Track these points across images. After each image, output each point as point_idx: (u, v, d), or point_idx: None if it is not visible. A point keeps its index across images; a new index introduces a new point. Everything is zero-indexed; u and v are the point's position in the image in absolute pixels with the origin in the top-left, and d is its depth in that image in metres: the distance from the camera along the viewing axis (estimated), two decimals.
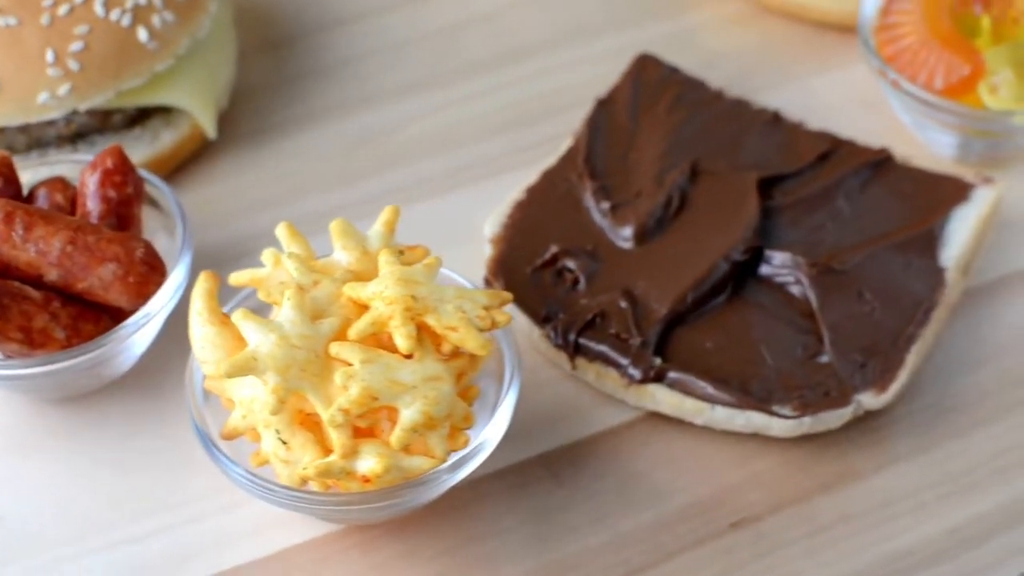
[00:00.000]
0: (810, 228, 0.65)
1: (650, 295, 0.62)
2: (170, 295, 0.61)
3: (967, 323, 0.65)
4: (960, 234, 0.65)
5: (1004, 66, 0.67)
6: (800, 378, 0.59)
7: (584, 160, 0.68)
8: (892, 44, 0.69)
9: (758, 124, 0.70)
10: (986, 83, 0.67)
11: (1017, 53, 0.67)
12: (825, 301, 0.62)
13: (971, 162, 0.71)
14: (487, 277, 0.63)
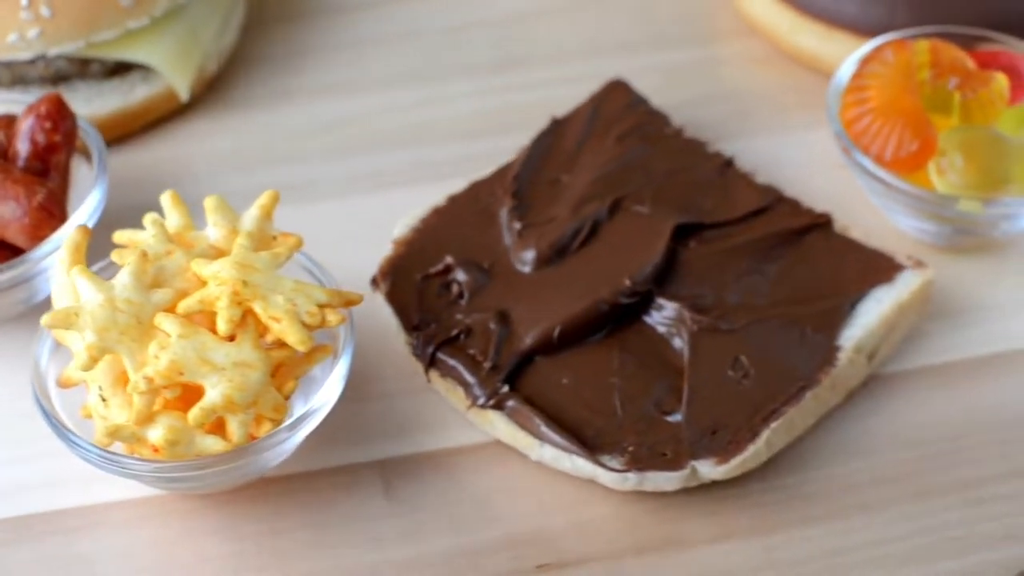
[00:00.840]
0: (715, 283, 0.62)
1: (523, 322, 0.61)
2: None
3: (861, 411, 0.61)
4: (870, 316, 0.61)
5: (955, 148, 0.63)
6: (641, 433, 0.57)
7: (513, 177, 0.67)
8: (856, 107, 0.66)
9: (706, 168, 0.67)
10: (935, 163, 0.63)
11: (970, 136, 0.63)
12: (697, 360, 0.59)
13: (940, 246, 0.67)
14: (375, 276, 0.64)
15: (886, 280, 0.62)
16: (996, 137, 0.63)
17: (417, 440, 0.61)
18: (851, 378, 0.61)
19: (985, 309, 0.65)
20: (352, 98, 0.76)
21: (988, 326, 0.64)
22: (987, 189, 0.63)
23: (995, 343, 0.63)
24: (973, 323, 0.64)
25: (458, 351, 0.60)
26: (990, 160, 0.63)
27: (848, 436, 0.60)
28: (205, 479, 0.55)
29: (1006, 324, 0.64)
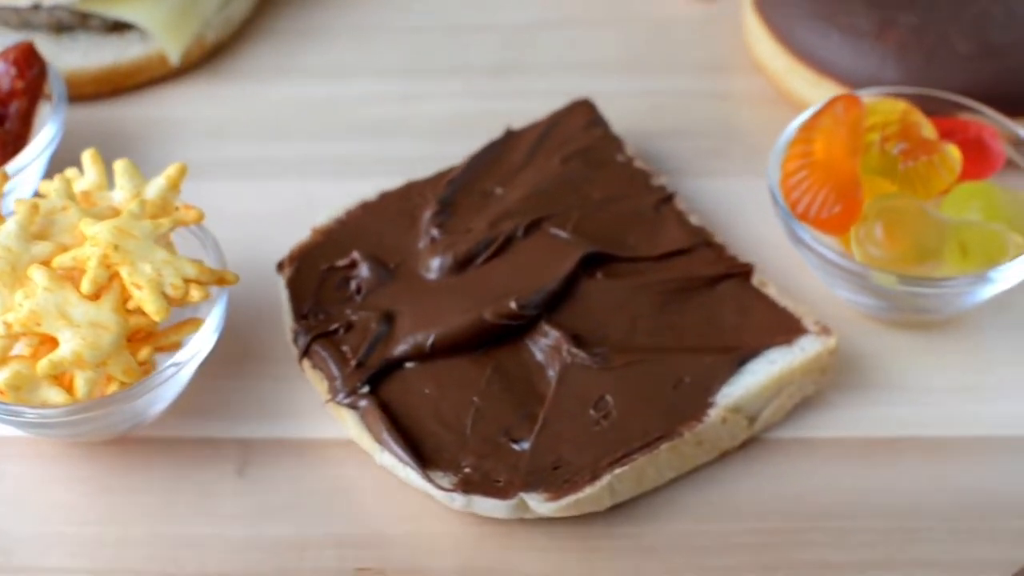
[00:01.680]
0: (609, 318, 0.61)
1: (404, 327, 0.61)
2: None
3: (732, 472, 0.59)
4: (756, 377, 0.59)
5: (876, 217, 0.59)
6: (482, 456, 0.57)
7: (447, 182, 0.67)
8: (798, 159, 0.63)
9: (643, 201, 0.66)
10: (855, 230, 0.60)
11: (894, 207, 0.59)
12: (561, 393, 0.58)
13: (874, 316, 0.64)
14: (282, 260, 0.65)
15: (784, 342, 0.60)
16: (922, 211, 0.59)
17: (282, 425, 0.61)
18: (724, 437, 0.59)
19: (896, 390, 0.62)
20: (342, 83, 0.77)
21: (891, 408, 0.61)
22: (909, 264, 0.60)
23: (891, 427, 0.60)
24: (878, 402, 0.61)
25: (332, 345, 0.61)
26: (915, 235, 0.59)
27: (710, 496, 0.58)
28: (49, 428, 0.57)
29: (910, 409, 0.61)
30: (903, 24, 0.70)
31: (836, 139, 0.62)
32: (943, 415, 0.61)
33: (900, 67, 0.70)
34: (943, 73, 0.69)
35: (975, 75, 0.69)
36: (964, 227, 0.60)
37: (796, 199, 0.62)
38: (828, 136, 0.62)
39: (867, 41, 0.71)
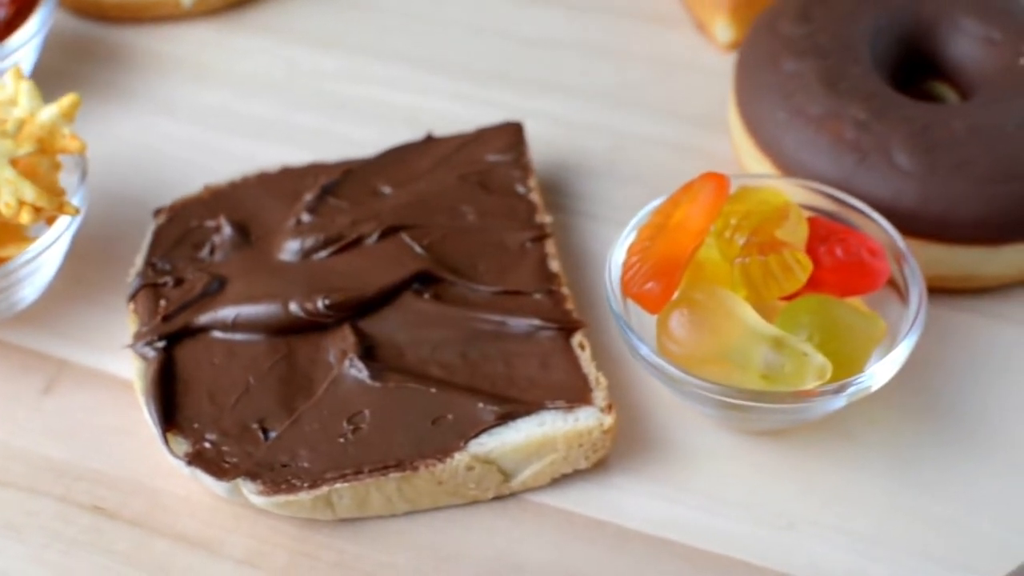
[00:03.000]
0: (415, 338, 0.60)
1: (228, 296, 0.62)
2: None
3: (473, 521, 0.58)
4: (518, 434, 0.57)
5: (677, 306, 0.56)
6: (227, 435, 0.58)
7: (343, 172, 0.68)
8: (651, 228, 0.60)
9: (515, 234, 0.64)
10: (659, 317, 0.57)
11: (695, 297, 0.56)
12: (326, 398, 0.58)
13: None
14: (160, 208, 0.67)
15: (563, 407, 0.58)
16: (730, 311, 0.55)
17: (96, 356, 0.64)
18: (470, 485, 0.57)
19: (685, 491, 0.58)
20: (332, 54, 0.80)
21: (669, 507, 0.58)
22: (709, 365, 0.56)
23: (653, 525, 0.57)
24: (658, 497, 0.58)
25: (155, 295, 0.63)
26: (716, 335, 0.56)
27: (440, 539, 0.57)
28: None
29: (686, 513, 0.57)
30: (848, 118, 0.65)
31: (689, 216, 0.59)
32: (713, 528, 0.57)
33: (832, 161, 0.64)
34: (871, 179, 0.63)
35: (903, 190, 0.63)
36: (773, 340, 0.55)
37: (629, 265, 0.59)
38: (684, 211, 0.59)
39: (810, 128, 0.66)
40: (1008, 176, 0.63)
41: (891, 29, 0.70)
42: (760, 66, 0.69)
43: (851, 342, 0.57)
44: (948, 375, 0.63)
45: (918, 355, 0.63)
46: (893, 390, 0.62)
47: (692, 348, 0.56)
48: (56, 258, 0.65)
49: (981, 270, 0.65)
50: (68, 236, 0.64)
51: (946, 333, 0.65)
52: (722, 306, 0.56)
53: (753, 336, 0.55)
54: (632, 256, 0.59)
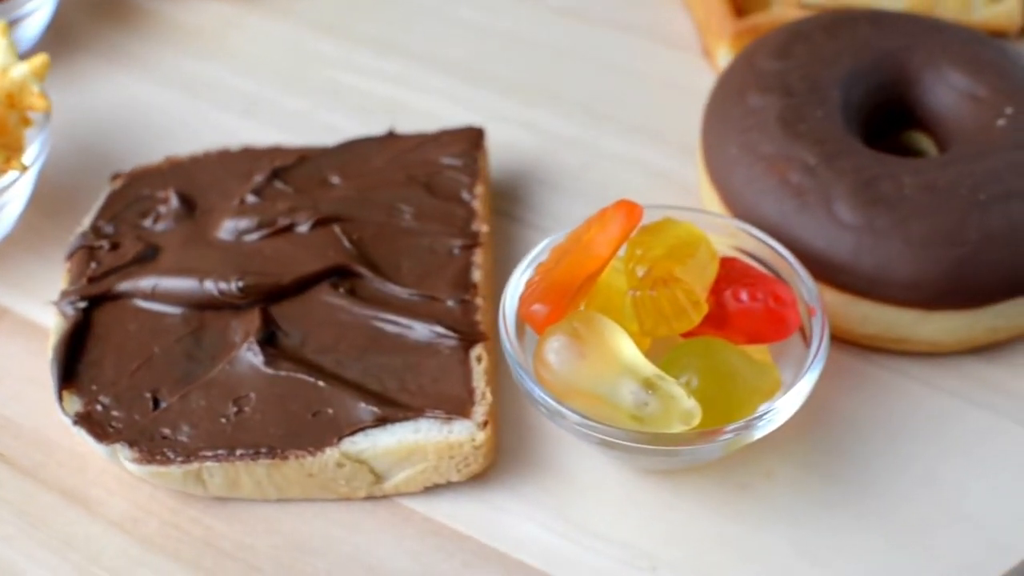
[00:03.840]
0: (319, 330, 0.61)
1: (158, 266, 0.64)
2: None
3: (342, 517, 0.58)
4: (392, 437, 0.57)
5: (554, 333, 0.55)
6: (120, 400, 0.59)
7: (298, 158, 0.69)
8: (562, 249, 0.59)
9: (446, 240, 0.64)
10: (540, 341, 0.56)
11: (573, 327, 0.54)
12: (219, 376, 0.59)
13: None
14: (118, 173, 0.69)
15: (441, 417, 0.58)
16: (605, 344, 0.54)
17: (36, 308, 0.66)
18: (340, 481, 0.58)
19: (561, 520, 0.58)
20: (336, 42, 0.81)
21: (539, 532, 0.57)
22: (583, 399, 0.55)
23: (517, 548, 0.57)
24: (533, 521, 0.57)
25: (89, 256, 0.65)
26: (590, 366, 0.54)
27: (304, 529, 0.58)
28: None
29: (553, 541, 0.57)
30: (798, 161, 0.63)
31: (594, 241, 0.58)
32: (574, 560, 0.56)
33: (774, 203, 0.63)
34: (809, 227, 0.61)
35: (838, 242, 0.61)
36: (644, 379, 0.54)
37: (529, 284, 0.59)
38: (591, 236, 0.58)
39: (759, 166, 0.64)
40: (947, 241, 0.60)
41: (872, 74, 0.68)
42: (727, 97, 0.68)
43: (735, 391, 0.55)
44: (863, 438, 0.61)
45: (836, 412, 0.61)
46: (801, 444, 0.60)
47: (563, 376, 0.55)
48: (9, 210, 0.67)
49: (914, 333, 0.62)
50: (19, 190, 0.66)
51: (872, 394, 0.62)
52: (599, 337, 0.55)
53: (625, 372, 0.54)
54: (536, 275, 0.59)
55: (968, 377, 0.63)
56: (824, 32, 0.69)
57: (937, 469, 0.59)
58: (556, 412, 0.56)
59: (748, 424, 0.55)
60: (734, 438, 0.55)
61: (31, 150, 0.67)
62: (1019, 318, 0.62)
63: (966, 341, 0.62)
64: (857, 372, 0.63)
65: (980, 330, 0.62)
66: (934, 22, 0.70)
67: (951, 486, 0.59)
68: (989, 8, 0.75)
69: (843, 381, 0.63)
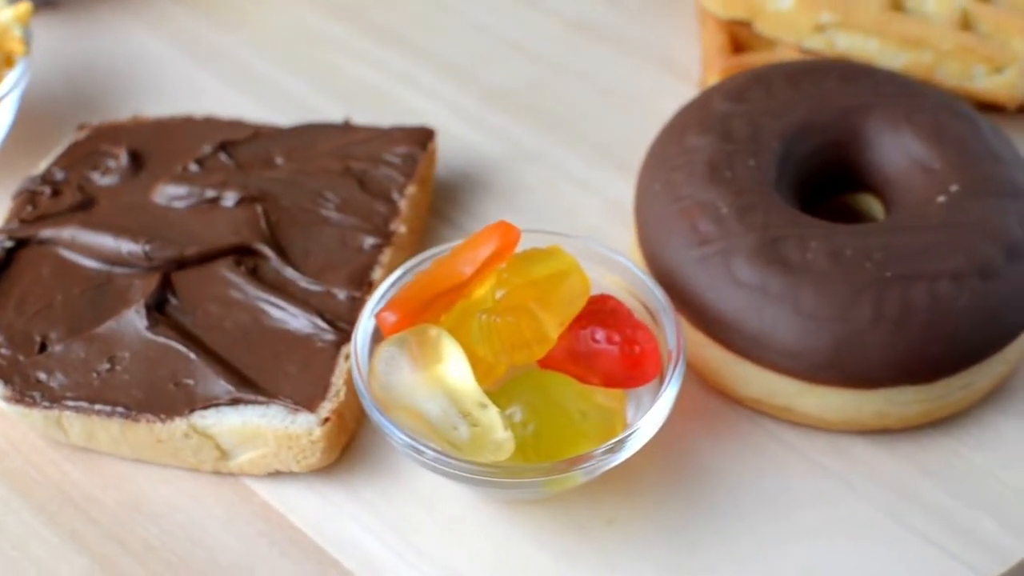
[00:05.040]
0: (209, 303, 0.62)
1: (89, 219, 0.66)
2: None
3: (187, 486, 0.60)
4: (239, 417, 0.58)
5: (392, 345, 0.55)
6: (10, 340, 0.61)
7: (251, 134, 0.70)
8: (438, 260, 0.59)
9: (360, 235, 0.65)
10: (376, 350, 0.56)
11: (409, 336, 0.54)
12: (102, 330, 0.61)
13: None
14: (84, 124, 0.72)
15: (290, 407, 0.58)
16: (434, 362, 0.53)
17: None
18: (187, 452, 0.59)
19: (391, 532, 0.58)
20: (345, 25, 0.82)
21: (366, 539, 0.57)
22: (401, 410, 0.55)
23: (336, 547, 0.57)
24: (368, 531, 0.58)
25: (28, 198, 0.68)
26: (412, 382, 0.54)
27: (151, 494, 0.59)
28: None
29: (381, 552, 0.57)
30: (711, 209, 0.61)
31: (460, 257, 0.57)
32: (388, 568, 0.56)
33: (677, 248, 0.61)
34: (705, 278, 0.59)
35: (728, 299, 0.59)
36: (461, 405, 0.53)
37: (394, 292, 0.59)
38: (461, 251, 0.58)
39: (673, 207, 0.62)
40: (835, 314, 0.58)
41: (826, 130, 0.65)
42: (671, 133, 0.66)
43: (565, 430, 0.54)
44: (719, 500, 0.58)
45: (701, 469, 0.59)
46: (650, 496, 0.59)
47: (388, 388, 0.55)
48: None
49: (797, 404, 0.60)
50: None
51: (745, 457, 0.60)
52: (430, 354, 0.54)
53: (446, 393, 0.54)
54: (406, 285, 0.59)
55: (848, 458, 0.60)
56: (787, 80, 0.66)
57: (789, 546, 0.57)
58: (378, 422, 0.56)
59: (556, 467, 0.54)
60: (544, 480, 0.54)
61: (3, 85, 0.71)
62: (909, 407, 0.59)
63: (853, 422, 0.60)
64: (737, 432, 0.61)
65: (867, 413, 0.59)
66: (909, 84, 0.67)
67: (798, 567, 0.56)
68: (990, 78, 0.71)
69: (719, 439, 0.61)
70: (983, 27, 0.72)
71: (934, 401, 0.59)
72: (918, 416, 0.60)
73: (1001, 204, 0.61)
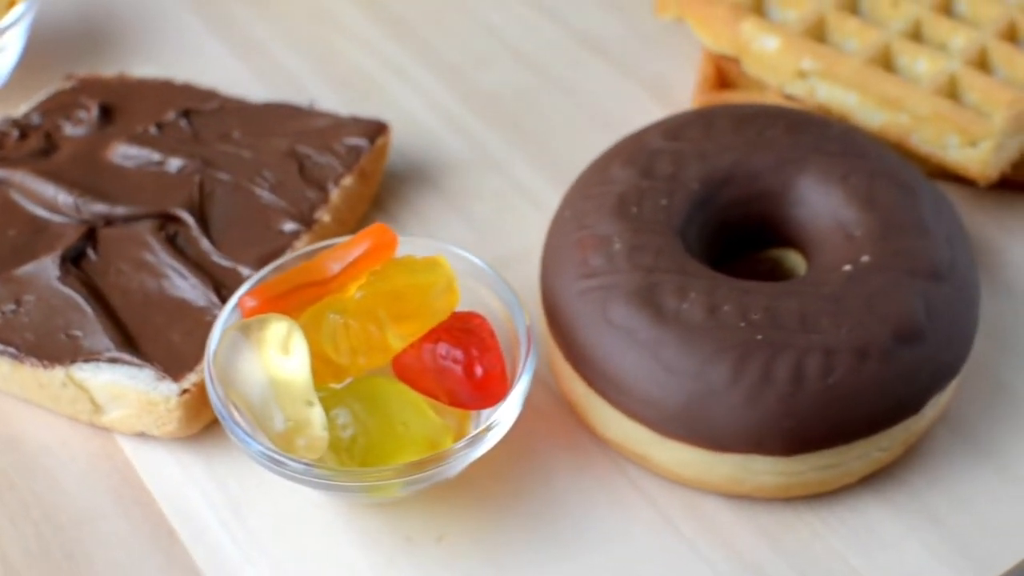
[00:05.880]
0: (124, 264, 0.64)
1: (37, 167, 0.68)
2: None
3: (66, 432, 0.62)
4: (110, 376, 0.60)
5: (236, 330, 0.56)
6: None
7: (219, 106, 0.72)
8: (323, 253, 0.59)
9: (281, 219, 0.66)
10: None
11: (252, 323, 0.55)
12: (27, 271, 0.64)
13: None
14: (72, 74, 0.75)
15: (159, 373, 0.60)
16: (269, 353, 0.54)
17: None
18: (66, 400, 0.61)
19: (221, 492, 0.59)
20: (368, 17, 0.83)
21: (187, 490, 0.59)
22: (239, 397, 0.56)
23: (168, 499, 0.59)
24: (193, 483, 0.60)
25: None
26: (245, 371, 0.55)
27: (24, 436, 0.62)
28: None
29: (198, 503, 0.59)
30: (605, 244, 0.59)
31: (330, 254, 0.58)
32: (216, 551, 0.58)
33: (565, 278, 0.60)
34: (580, 314, 0.58)
35: (594, 338, 0.57)
36: (285, 400, 0.54)
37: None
38: (336, 251, 0.58)
39: (573, 236, 0.61)
40: (692, 372, 0.56)
41: (755, 179, 0.63)
42: (600, 161, 0.65)
43: (385, 439, 0.54)
44: (557, 536, 0.58)
45: (547, 501, 0.59)
46: (483, 519, 0.59)
47: (227, 374, 0.56)
48: None
49: (653, 455, 0.58)
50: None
51: (604, 498, 0.59)
52: (271, 343, 0.55)
53: (274, 385, 0.54)
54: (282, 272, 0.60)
55: (702, 519, 0.58)
56: (730, 123, 0.64)
57: None
58: (212, 400, 0.57)
59: (361, 474, 0.54)
60: (356, 485, 0.54)
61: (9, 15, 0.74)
62: (762, 478, 0.57)
63: (707, 483, 0.58)
64: (597, 471, 0.60)
65: (720, 476, 0.57)
66: (859, 144, 0.64)
67: None
68: (962, 150, 0.67)
69: (577, 475, 0.60)
70: (970, 96, 0.68)
71: (791, 476, 0.57)
72: (776, 489, 0.57)
73: (909, 283, 0.58)
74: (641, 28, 0.82)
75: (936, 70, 0.69)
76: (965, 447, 0.61)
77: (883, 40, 0.70)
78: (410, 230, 0.71)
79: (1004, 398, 0.63)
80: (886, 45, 0.70)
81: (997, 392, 0.63)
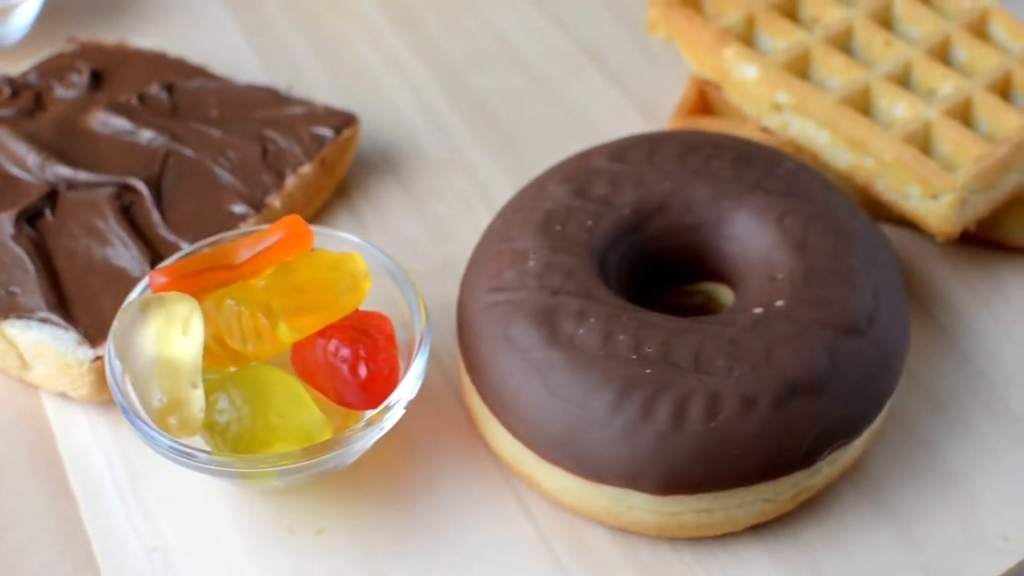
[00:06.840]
0: (71, 227, 0.66)
1: (17, 126, 0.71)
2: None
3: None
4: (33, 334, 0.62)
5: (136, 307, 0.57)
6: None
7: (201, 83, 0.74)
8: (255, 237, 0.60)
9: (233, 201, 0.67)
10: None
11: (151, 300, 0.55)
12: None
13: None
14: (75, 38, 0.78)
15: (80, 339, 0.62)
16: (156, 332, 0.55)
17: None
18: (4, 362, 0.64)
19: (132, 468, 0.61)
20: (390, 11, 0.83)
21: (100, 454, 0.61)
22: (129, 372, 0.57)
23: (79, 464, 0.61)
24: (99, 449, 0.61)
25: None
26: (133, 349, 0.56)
27: None
28: None
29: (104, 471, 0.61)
30: (523, 259, 0.59)
31: (242, 241, 0.59)
32: (106, 515, 0.59)
33: (478, 288, 0.59)
34: (486, 327, 0.58)
35: (495, 358, 0.57)
36: (167, 382, 0.55)
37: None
38: (253, 238, 0.59)
39: (493, 246, 0.61)
40: (574, 398, 0.55)
41: (689, 209, 0.61)
42: (542, 176, 0.64)
43: (258, 429, 0.55)
44: (448, 547, 0.58)
45: (451, 510, 0.59)
46: (368, 516, 0.59)
47: (122, 342, 0.57)
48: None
49: (536, 476, 0.58)
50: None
51: (488, 512, 0.59)
52: (160, 322, 0.56)
53: (159, 363, 0.55)
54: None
55: (582, 549, 0.58)
56: (677, 150, 0.63)
57: None
58: (108, 371, 0.58)
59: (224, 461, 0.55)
60: (228, 472, 0.55)
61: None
62: (637, 514, 0.56)
63: (587, 511, 0.57)
64: (487, 485, 0.60)
65: (598, 507, 0.56)
66: (806, 185, 0.62)
67: None
68: (923, 202, 0.64)
69: (466, 485, 0.60)
70: (942, 147, 0.66)
71: (667, 516, 0.56)
72: (654, 527, 0.56)
73: (817, 333, 0.56)
74: (647, 44, 0.81)
75: (912, 116, 0.66)
76: (868, 506, 0.59)
77: (864, 80, 0.68)
78: (367, 224, 0.71)
79: (922, 458, 0.60)
80: (867, 85, 0.68)
81: (916, 451, 0.61)
